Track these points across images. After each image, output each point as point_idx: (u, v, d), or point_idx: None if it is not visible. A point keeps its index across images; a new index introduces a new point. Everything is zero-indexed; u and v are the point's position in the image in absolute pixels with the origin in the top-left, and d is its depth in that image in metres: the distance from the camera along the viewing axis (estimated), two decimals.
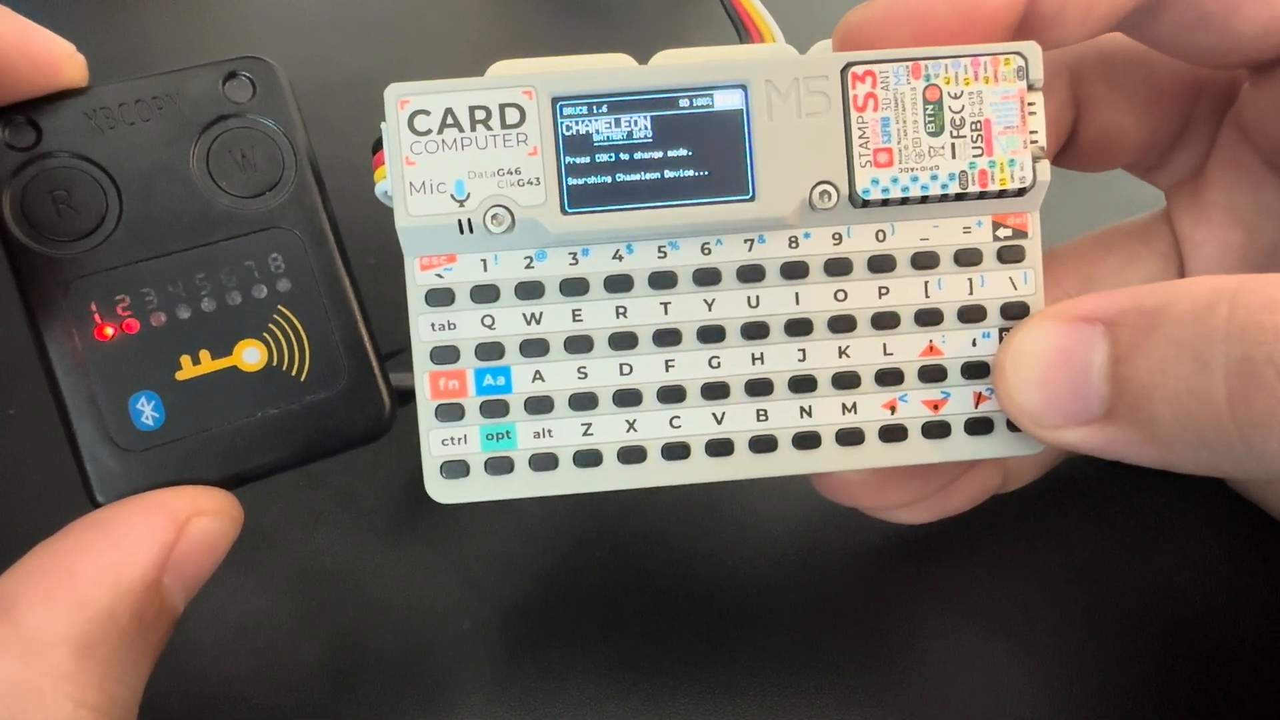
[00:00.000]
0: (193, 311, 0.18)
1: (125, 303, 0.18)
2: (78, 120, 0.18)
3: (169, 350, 0.18)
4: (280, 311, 0.18)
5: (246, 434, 0.18)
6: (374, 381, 0.19)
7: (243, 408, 0.18)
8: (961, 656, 0.24)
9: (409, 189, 0.19)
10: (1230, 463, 0.16)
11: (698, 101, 0.19)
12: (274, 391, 0.18)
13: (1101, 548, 0.26)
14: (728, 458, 0.20)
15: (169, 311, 0.18)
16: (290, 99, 0.19)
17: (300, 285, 0.18)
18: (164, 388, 0.18)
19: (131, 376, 0.18)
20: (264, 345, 0.18)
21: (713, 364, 0.20)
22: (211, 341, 0.18)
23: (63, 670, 0.15)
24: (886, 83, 0.19)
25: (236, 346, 0.18)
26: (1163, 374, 0.16)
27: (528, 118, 0.19)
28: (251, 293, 0.18)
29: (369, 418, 0.19)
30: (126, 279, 0.18)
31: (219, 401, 0.18)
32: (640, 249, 0.20)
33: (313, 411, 0.18)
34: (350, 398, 0.18)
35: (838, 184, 0.19)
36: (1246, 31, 0.19)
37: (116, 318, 0.18)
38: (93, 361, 0.18)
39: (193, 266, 0.18)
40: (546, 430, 0.20)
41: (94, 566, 0.16)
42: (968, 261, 0.20)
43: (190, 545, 0.17)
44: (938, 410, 0.20)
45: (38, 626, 0.15)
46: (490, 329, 0.20)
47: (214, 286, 0.18)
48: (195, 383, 0.18)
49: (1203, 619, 0.25)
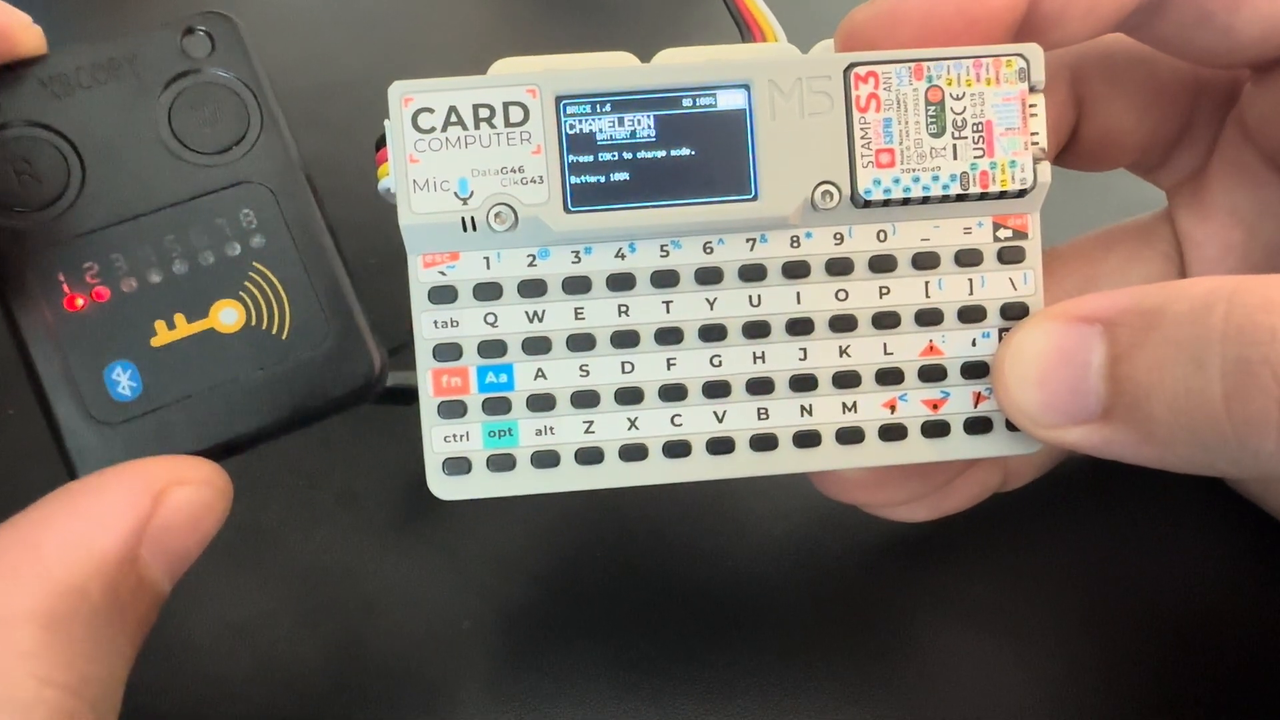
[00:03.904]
0: (164, 275, 0.17)
1: (94, 270, 0.17)
2: (34, 88, 0.17)
3: (142, 316, 0.17)
4: (256, 269, 0.18)
5: (229, 398, 0.17)
6: (360, 336, 0.18)
7: (223, 371, 0.17)
8: (961, 656, 0.24)
9: (412, 186, 0.19)
10: (1227, 462, 0.16)
11: (701, 101, 0.19)
12: (255, 352, 0.18)
13: (1100, 547, 0.26)
14: (729, 456, 0.20)
15: (140, 276, 0.17)
16: (251, 51, 0.18)
17: (275, 241, 0.18)
18: (140, 356, 0.17)
19: (105, 346, 0.17)
20: (241, 305, 0.18)
21: (714, 362, 0.20)
22: (186, 304, 0.17)
23: (26, 647, 0.14)
24: (889, 83, 0.19)
25: (212, 308, 0.18)
26: (1160, 374, 0.16)
27: (531, 116, 0.19)
28: (224, 251, 0.18)
29: (358, 374, 0.18)
30: (94, 246, 0.17)
31: (198, 366, 0.17)
32: (642, 248, 0.20)
33: (298, 371, 0.18)
34: (336, 354, 0.18)
35: (840, 184, 0.19)
36: (1248, 31, 0.19)
37: (86, 286, 0.17)
38: (64, 333, 0.17)
39: (162, 228, 0.17)
40: (548, 427, 0.20)
41: (61, 539, 0.15)
42: (968, 262, 0.20)
43: (170, 516, 0.16)
44: (937, 409, 0.20)
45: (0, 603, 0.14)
46: (493, 327, 0.20)
47: (185, 248, 0.17)
48: (172, 348, 0.17)
49: (1201, 618, 0.25)
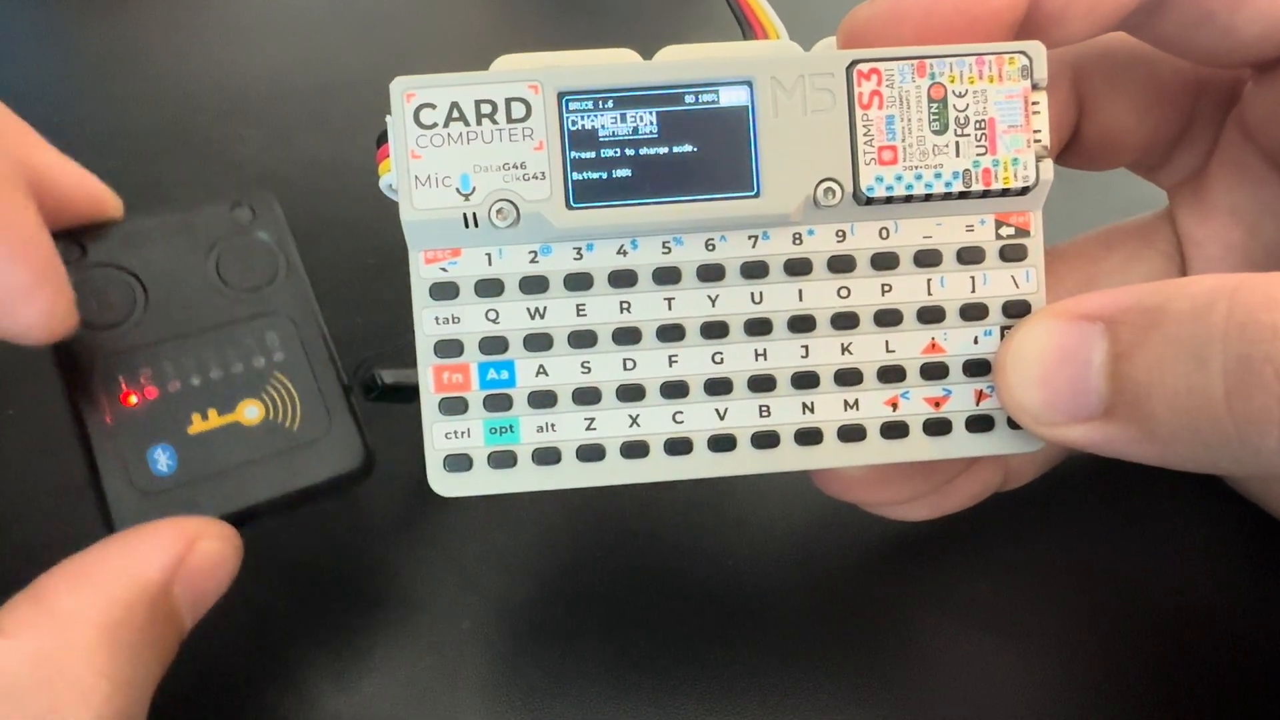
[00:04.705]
0: (203, 379, 0.21)
1: (148, 374, 0.21)
2: (116, 240, 0.22)
3: (183, 411, 0.21)
4: (275, 377, 0.22)
5: (246, 475, 0.21)
6: (354, 429, 0.22)
7: (244, 454, 0.21)
8: (961, 655, 0.24)
9: (414, 183, 0.19)
10: (1228, 460, 0.16)
11: (703, 97, 0.19)
12: (270, 439, 0.21)
13: (1100, 546, 0.26)
14: (730, 453, 0.20)
15: (183, 380, 0.21)
16: (282, 219, 0.23)
17: (291, 356, 0.22)
18: (178, 441, 0.21)
19: (150, 432, 0.21)
20: (262, 403, 0.22)
21: (716, 360, 0.20)
22: (218, 402, 0.21)
23: (87, 644, 0.17)
24: (891, 81, 0.19)
25: (239, 405, 0.21)
26: (1161, 371, 0.16)
27: (533, 112, 0.19)
28: (251, 363, 0.22)
29: (351, 459, 0.22)
30: (149, 356, 0.21)
31: (224, 450, 0.21)
32: (644, 244, 0.20)
33: (303, 455, 0.21)
34: (334, 443, 0.22)
35: (842, 181, 0.19)
36: (1250, 31, 0.19)
37: (139, 385, 0.21)
38: (118, 422, 0.21)
39: (203, 345, 0.22)
40: (550, 424, 0.20)
41: (114, 566, 0.18)
42: (970, 259, 0.20)
43: (198, 561, 0.19)
44: (939, 407, 0.20)
45: (66, 609, 0.17)
46: (494, 323, 0.20)
47: (221, 359, 0.22)
48: (204, 436, 0.21)
49: (1201, 617, 0.25)
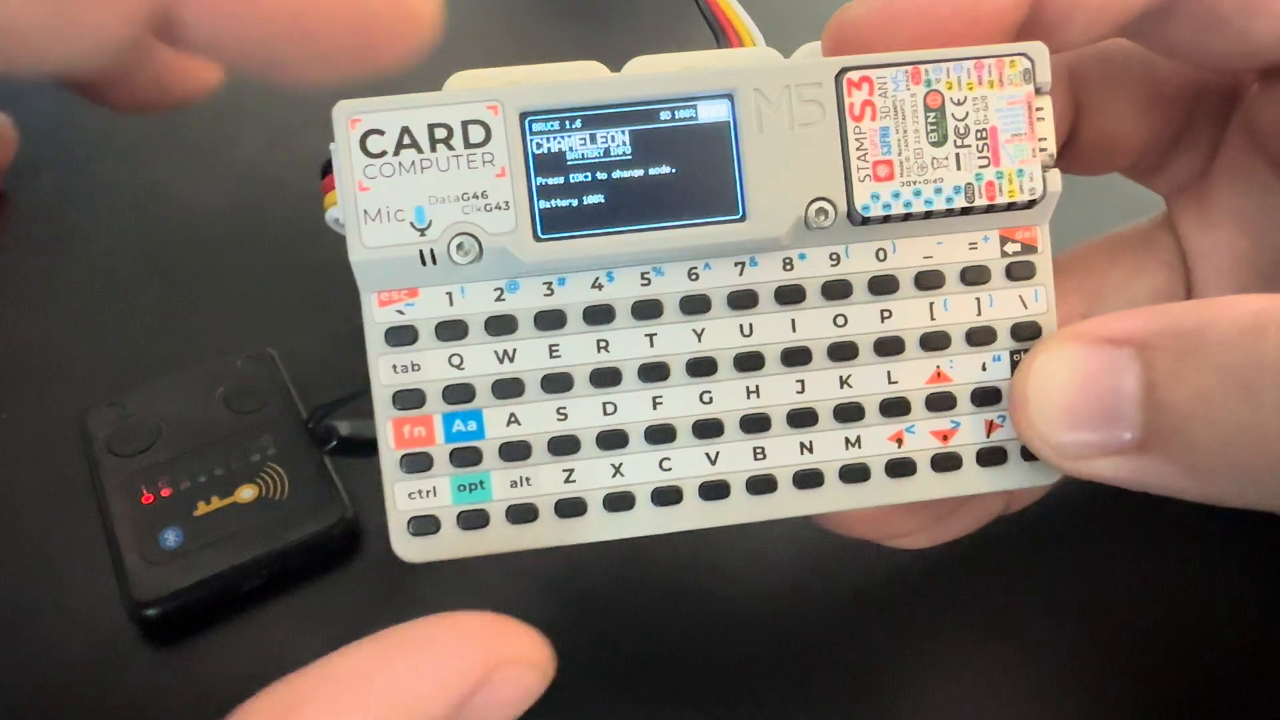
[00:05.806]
0: (208, 477, 0.27)
1: (165, 480, 0.27)
2: (145, 396, 0.29)
3: (190, 501, 0.26)
4: (269, 465, 0.27)
5: (241, 539, 0.26)
6: (337, 497, 0.27)
7: (239, 524, 0.26)
8: (960, 662, 0.24)
9: (363, 217, 0.17)
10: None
11: (680, 113, 0.17)
12: (262, 512, 0.26)
13: (1102, 555, 0.26)
14: (724, 501, 0.18)
15: (192, 480, 0.27)
16: (278, 365, 0.30)
17: (282, 449, 0.28)
18: (185, 522, 0.26)
19: (163, 519, 0.26)
20: (257, 486, 0.27)
21: (704, 400, 0.18)
22: (220, 490, 0.27)
23: None
24: (885, 89, 0.17)
25: (237, 489, 0.27)
26: (1206, 403, 0.15)
27: (494, 136, 0.17)
28: (248, 459, 0.27)
29: (328, 517, 0.26)
30: (165, 468, 0.27)
31: (223, 524, 0.26)
32: (621, 276, 0.18)
33: (289, 519, 0.26)
34: (315, 507, 0.26)
35: (835, 200, 0.18)
36: (1264, 37, 0.18)
37: (156, 488, 0.27)
38: (138, 516, 0.26)
39: (211, 454, 0.27)
40: (524, 478, 0.18)
41: (392, 691, 0.14)
42: (975, 280, 0.19)
43: (494, 696, 0.15)
44: (947, 441, 0.19)
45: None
46: (459, 369, 0.18)
47: (223, 460, 0.27)
48: (207, 516, 0.26)
49: (1201, 628, 0.25)
